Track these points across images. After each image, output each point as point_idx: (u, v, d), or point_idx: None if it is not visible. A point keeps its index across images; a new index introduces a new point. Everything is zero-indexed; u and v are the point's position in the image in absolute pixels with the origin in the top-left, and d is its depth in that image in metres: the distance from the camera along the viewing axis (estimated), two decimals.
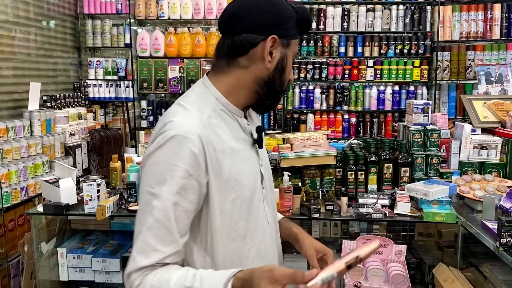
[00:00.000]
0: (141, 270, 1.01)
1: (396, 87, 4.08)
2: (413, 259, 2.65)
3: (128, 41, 4.14)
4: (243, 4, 1.11)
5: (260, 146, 1.21)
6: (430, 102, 2.67)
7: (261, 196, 1.19)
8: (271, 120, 4.21)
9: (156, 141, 1.03)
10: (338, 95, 4.13)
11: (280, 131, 4.18)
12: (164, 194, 1.00)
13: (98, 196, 2.41)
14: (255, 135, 1.21)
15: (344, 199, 2.33)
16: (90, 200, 2.39)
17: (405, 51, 4.01)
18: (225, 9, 1.15)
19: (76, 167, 3.46)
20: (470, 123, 2.80)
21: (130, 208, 2.42)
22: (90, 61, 4.20)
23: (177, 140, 1.01)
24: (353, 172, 2.52)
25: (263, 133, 1.22)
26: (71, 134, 3.48)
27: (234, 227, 1.11)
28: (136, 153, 4.09)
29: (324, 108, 4.16)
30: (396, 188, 2.52)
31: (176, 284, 0.98)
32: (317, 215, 2.28)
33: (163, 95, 4.38)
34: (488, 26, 3.92)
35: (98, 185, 2.42)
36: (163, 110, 4.12)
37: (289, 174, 2.37)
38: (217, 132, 1.08)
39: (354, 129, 4.13)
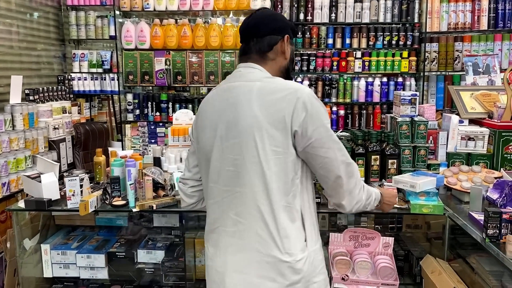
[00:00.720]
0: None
1: (385, 79, 4.06)
2: (401, 251, 2.65)
3: (113, 33, 4.06)
4: (262, 16, 1.57)
5: None
6: (417, 93, 2.65)
7: None
8: None
9: (305, 100, 1.39)
10: (327, 87, 4.09)
11: None
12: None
13: (82, 191, 2.37)
14: None
15: None
16: (73, 195, 2.34)
17: (393, 42, 3.98)
18: (246, 21, 1.59)
19: (60, 162, 3.40)
20: (458, 114, 2.79)
21: (114, 203, 2.37)
22: (74, 53, 4.12)
23: (310, 91, 1.44)
24: None
25: None
26: (54, 128, 3.41)
27: None
28: (122, 147, 4.03)
29: None
30: (383, 180, 2.51)
31: (368, 188, 1.66)
32: None
33: (150, 88, 4.32)
34: (476, 17, 3.90)
35: (81, 180, 2.37)
36: (149, 103, 4.06)
37: None
38: None
39: (343, 121, 4.10)
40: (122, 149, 4.01)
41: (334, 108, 4.13)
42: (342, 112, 4.11)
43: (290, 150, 1.39)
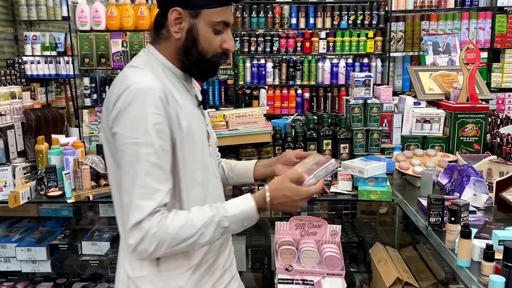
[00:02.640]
0: (151, 215, 1.08)
1: (350, 60, 3.94)
2: (355, 238, 2.57)
3: (65, 14, 3.86)
4: None
5: (205, 108, 1.34)
6: (371, 74, 2.55)
7: (208, 152, 1.31)
8: (222, 96, 4.03)
9: (123, 99, 1.09)
10: (291, 69, 3.97)
11: (232, 107, 4.01)
12: (150, 140, 1.09)
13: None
14: (200, 98, 1.34)
15: None
16: (5, 186, 2.20)
17: (358, 21, 3.86)
18: None
19: (8, 150, 3.24)
20: (415, 96, 2.69)
21: (50, 193, 2.24)
22: (26, 35, 3.91)
23: (144, 91, 1.09)
24: (291, 150, 2.39)
25: (205, 96, 1.35)
26: (1, 115, 3.24)
27: (194, 176, 1.22)
28: (79, 133, 3.88)
29: (276, 83, 4.00)
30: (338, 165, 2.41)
31: (198, 218, 1.12)
32: None
33: (108, 71, 4.14)
34: None
35: (14, 169, 2.23)
36: (107, 87, 3.89)
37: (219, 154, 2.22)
38: (171, 89, 1.18)
39: (308, 104, 3.99)
40: (80, 136, 3.87)
41: (299, 91, 4.01)
42: (307, 95, 4.00)
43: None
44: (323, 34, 3.90)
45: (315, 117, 2.51)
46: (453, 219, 1.57)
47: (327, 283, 2.02)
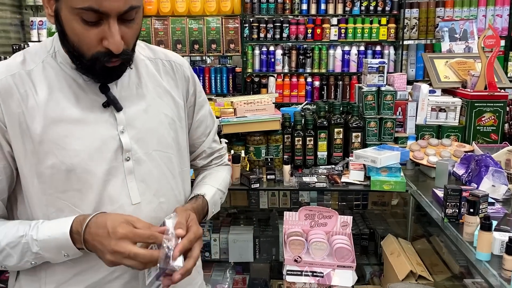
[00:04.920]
0: None
1: (362, 47, 3.85)
2: (366, 229, 2.51)
3: None
4: None
5: (117, 108, 1.00)
6: (385, 61, 2.45)
7: (118, 170, 1.01)
8: (230, 84, 3.96)
9: None
10: (301, 57, 3.88)
11: (240, 95, 3.94)
12: None
13: None
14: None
15: (287, 168, 2.14)
16: None
17: (371, 8, 3.75)
18: None
19: None
20: (431, 84, 2.60)
21: None
22: (32, 21, 3.86)
23: None
24: (300, 138, 2.32)
25: (109, 93, 0.99)
26: None
27: (61, 196, 0.98)
28: None
29: (286, 70, 3.91)
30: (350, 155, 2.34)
31: (5, 236, 0.95)
32: (257, 185, 2.10)
33: None
34: None
35: None
36: None
37: (226, 141, 2.17)
38: (35, 86, 0.96)
39: (318, 93, 3.91)
40: None
41: (309, 79, 3.92)
42: (317, 83, 3.91)
43: None
44: (334, 20, 3.80)
45: (326, 105, 2.43)
46: (471, 210, 1.50)
47: (337, 275, 1.96)
